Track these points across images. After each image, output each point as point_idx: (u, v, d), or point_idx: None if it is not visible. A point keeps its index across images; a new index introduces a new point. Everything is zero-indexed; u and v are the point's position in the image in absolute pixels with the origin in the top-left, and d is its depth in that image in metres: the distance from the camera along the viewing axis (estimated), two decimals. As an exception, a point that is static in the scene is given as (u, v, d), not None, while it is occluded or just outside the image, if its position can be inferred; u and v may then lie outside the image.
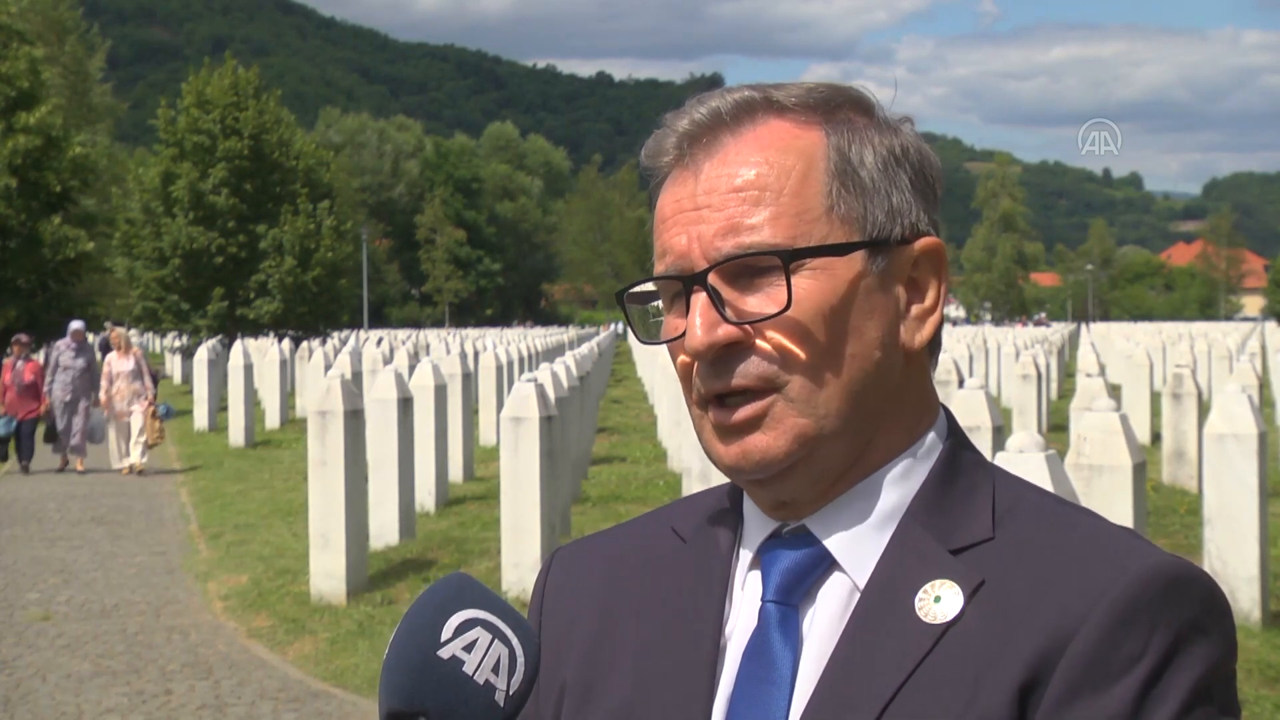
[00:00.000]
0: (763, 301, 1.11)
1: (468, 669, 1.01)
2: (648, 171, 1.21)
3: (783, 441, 1.11)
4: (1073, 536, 1.11)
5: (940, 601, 1.09)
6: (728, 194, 1.12)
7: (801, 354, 1.11)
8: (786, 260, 1.10)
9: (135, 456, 17.47)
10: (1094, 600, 1.04)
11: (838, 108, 1.17)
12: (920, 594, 1.10)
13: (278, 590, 9.95)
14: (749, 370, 1.11)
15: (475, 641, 1.02)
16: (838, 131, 1.16)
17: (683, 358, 1.15)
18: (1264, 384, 24.95)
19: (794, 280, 1.10)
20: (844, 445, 1.13)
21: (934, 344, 1.19)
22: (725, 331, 1.11)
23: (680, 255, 1.14)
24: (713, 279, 1.11)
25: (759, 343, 1.11)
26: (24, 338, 18.77)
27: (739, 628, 1.16)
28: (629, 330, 1.23)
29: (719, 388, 1.12)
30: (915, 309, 1.17)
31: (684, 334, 1.13)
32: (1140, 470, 6.58)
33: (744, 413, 1.11)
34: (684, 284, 1.13)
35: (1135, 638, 1.03)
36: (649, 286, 1.20)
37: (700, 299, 1.11)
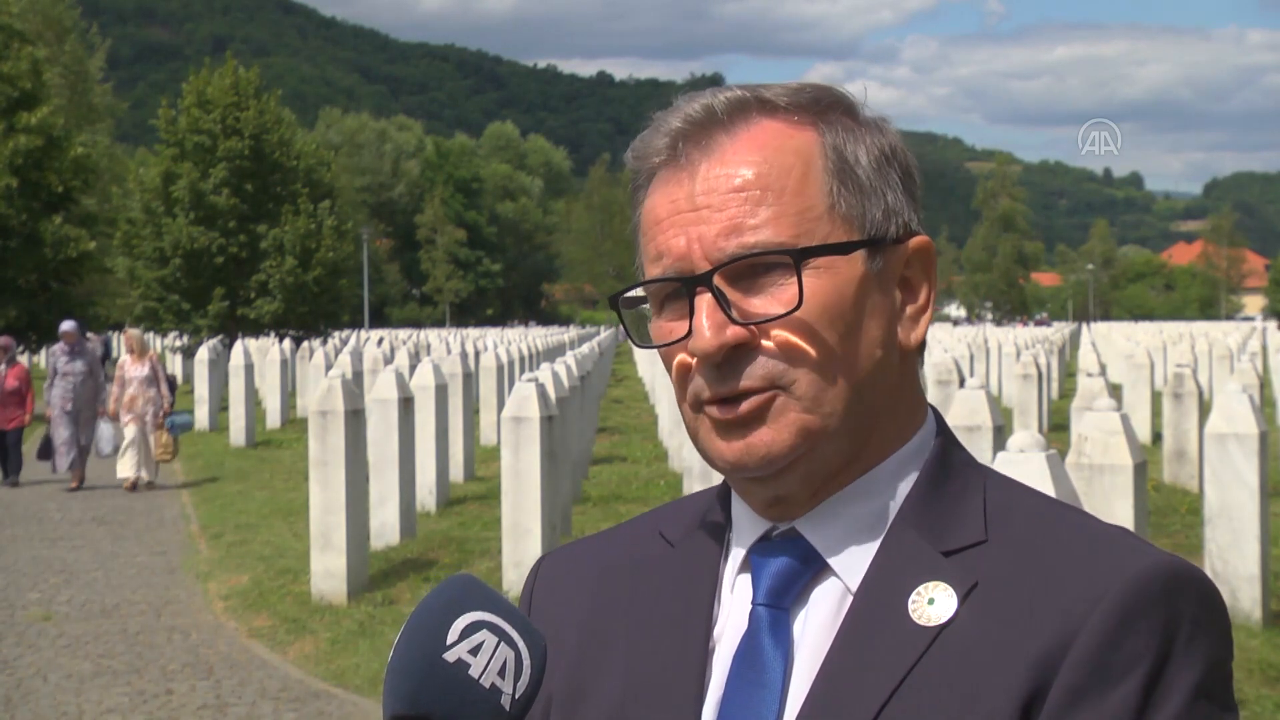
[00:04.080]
0: (767, 302, 1.10)
1: (473, 672, 0.99)
2: (634, 170, 1.19)
3: (786, 435, 1.10)
4: (1067, 538, 1.10)
5: (933, 604, 1.08)
6: (728, 194, 1.11)
7: (808, 353, 1.10)
8: (797, 259, 1.09)
9: (129, 472, 16.02)
10: (1094, 602, 1.04)
11: (827, 108, 1.16)
12: (913, 596, 1.09)
13: (278, 590, 9.95)
14: (755, 371, 1.10)
15: (481, 644, 1.00)
16: (832, 131, 1.15)
17: (681, 359, 1.13)
18: (1264, 384, 24.92)
19: (803, 279, 1.10)
20: (844, 443, 1.12)
21: (922, 343, 1.19)
22: (734, 332, 1.09)
23: (679, 257, 1.12)
24: (717, 280, 1.10)
25: (765, 343, 1.10)
26: (4, 340, 16.76)
27: (728, 631, 1.15)
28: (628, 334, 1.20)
29: (725, 391, 1.10)
30: (909, 308, 1.17)
31: (683, 337, 1.11)
32: (1141, 470, 6.56)
33: (748, 406, 1.10)
34: (686, 286, 1.11)
35: (1136, 638, 1.02)
36: (639, 291, 1.17)
37: (705, 300, 1.10)
